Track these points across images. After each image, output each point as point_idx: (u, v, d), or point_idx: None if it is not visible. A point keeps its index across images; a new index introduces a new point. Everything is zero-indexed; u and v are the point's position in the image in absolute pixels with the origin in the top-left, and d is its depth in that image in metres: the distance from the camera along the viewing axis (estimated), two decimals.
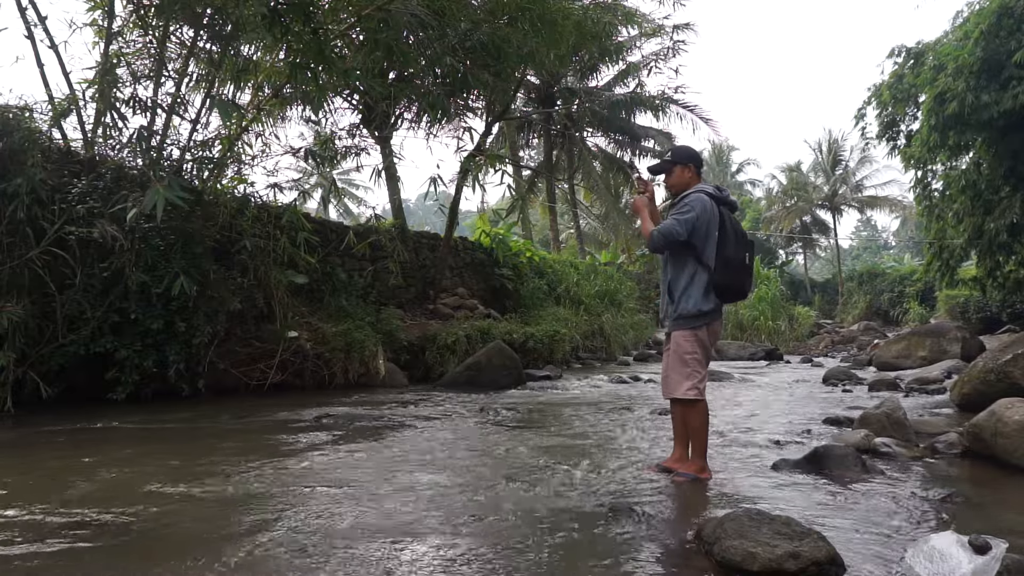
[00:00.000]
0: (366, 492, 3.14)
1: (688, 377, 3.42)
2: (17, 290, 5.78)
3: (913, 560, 2.21)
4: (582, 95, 21.93)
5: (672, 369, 3.47)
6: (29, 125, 6.25)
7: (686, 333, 3.45)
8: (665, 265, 3.62)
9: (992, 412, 3.81)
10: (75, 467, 3.68)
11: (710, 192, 3.51)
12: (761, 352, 15.51)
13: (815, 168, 44.44)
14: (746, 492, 3.20)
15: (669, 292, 3.54)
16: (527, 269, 14.45)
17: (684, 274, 3.46)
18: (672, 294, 3.51)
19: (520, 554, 2.33)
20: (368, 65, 8.52)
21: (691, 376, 3.42)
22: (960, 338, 10.35)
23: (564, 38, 9.62)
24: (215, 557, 2.28)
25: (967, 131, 12.70)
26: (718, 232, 3.41)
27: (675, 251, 3.50)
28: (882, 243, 69.22)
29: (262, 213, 7.71)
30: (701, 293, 3.42)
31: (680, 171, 3.61)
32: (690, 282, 3.44)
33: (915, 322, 25.44)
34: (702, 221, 3.39)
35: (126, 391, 6.17)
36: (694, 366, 3.44)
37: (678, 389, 3.43)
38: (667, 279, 3.57)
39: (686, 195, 3.52)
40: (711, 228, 3.41)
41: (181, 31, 7.54)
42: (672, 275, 3.52)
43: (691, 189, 3.56)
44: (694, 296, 3.42)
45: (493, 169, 10.90)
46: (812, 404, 6.59)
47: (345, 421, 5.30)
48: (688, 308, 3.43)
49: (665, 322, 3.61)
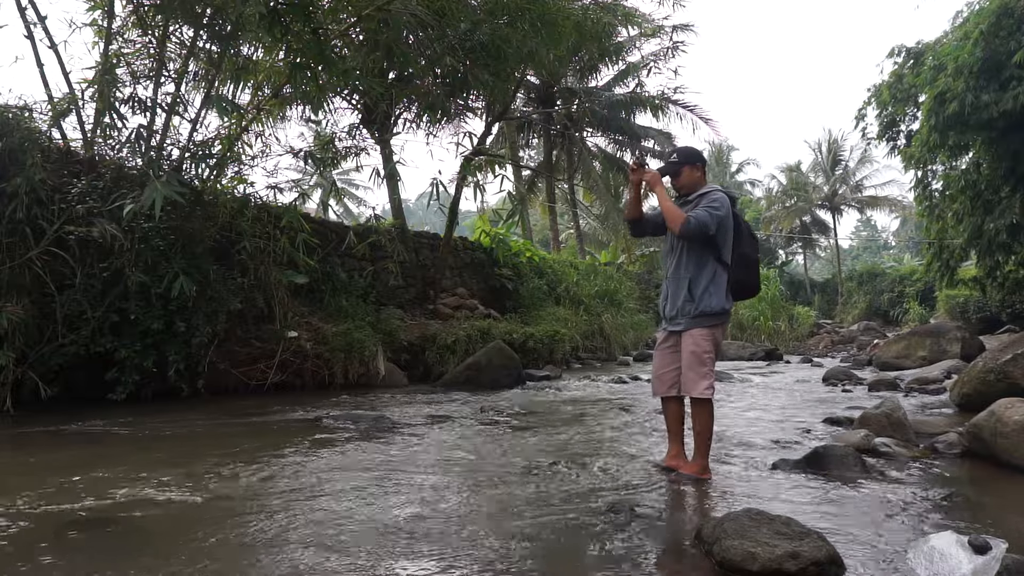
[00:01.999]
0: (365, 492, 3.14)
1: (705, 376, 3.41)
2: (17, 290, 5.77)
3: (913, 560, 2.21)
4: (582, 95, 21.93)
5: (691, 368, 3.42)
6: (29, 125, 6.24)
7: (705, 332, 3.44)
8: (679, 260, 3.53)
9: (992, 412, 3.81)
10: (75, 467, 3.68)
11: (724, 191, 3.57)
12: (761, 352, 15.50)
13: (815, 168, 44.47)
14: (746, 492, 3.19)
15: (689, 289, 3.46)
16: (527, 269, 14.45)
17: (706, 271, 3.45)
18: (692, 291, 3.45)
19: (519, 554, 2.33)
20: (368, 65, 8.52)
21: (708, 375, 3.42)
22: (960, 338, 10.34)
23: (564, 38, 9.63)
24: (214, 557, 2.28)
25: (967, 131, 12.71)
26: (734, 231, 3.48)
27: (696, 247, 3.46)
28: (882, 243, 69.21)
29: (262, 213, 7.71)
30: (724, 291, 3.46)
31: (689, 171, 3.59)
32: (712, 280, 3.45)
33: (915, 322, 25.44)
34: (727, 219, 3.44)
35: (126, 391, 6.16)
36: (710, 365, 3.44)
37: (696, 388, 3.40)
38: (685, 276, 3.48)
39: (705, 192, 3.53)
40: (730, 226, 3.47)
41: (181, 31, 7.53)
42: (694, 272, 3.47)
43: (705, 188, 3.57)
44: (717, 294, 3.44)
45: (493, 174, 10.91)
46: (812, 404, 6.58)
47: (345, 421, 5.30)
48: (712, 306, 3.43)
49: (679, 320, 3.51)
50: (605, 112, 22.31)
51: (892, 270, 36.27)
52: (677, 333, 3.55)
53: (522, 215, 15.46)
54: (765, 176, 57.09)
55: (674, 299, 3.55)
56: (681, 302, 3.50)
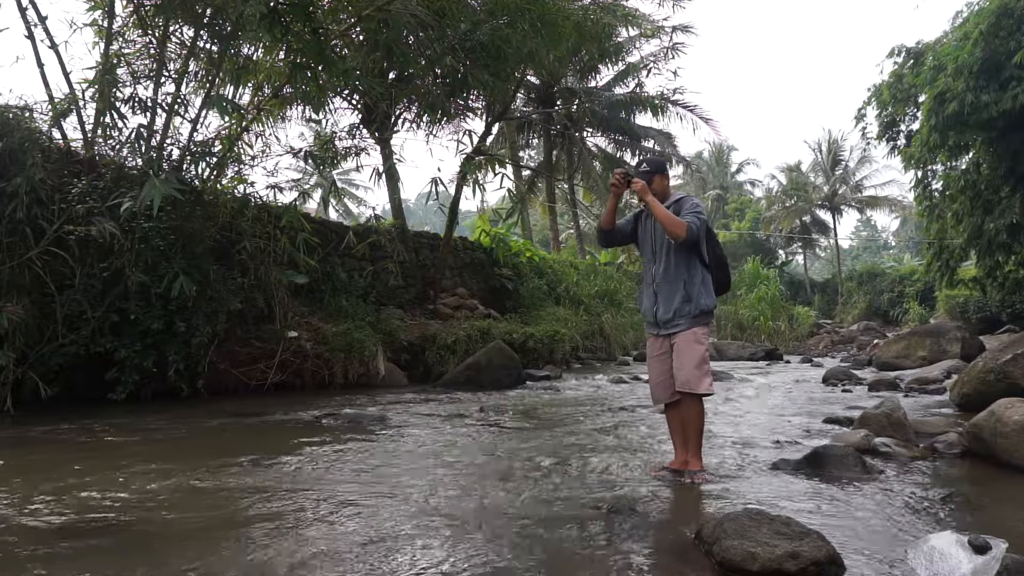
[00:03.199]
0: (364, 493, 3.14)
1: (707, 374, 3.53)
2: (17, 290, 5.77)
3: (913, 560, 2.21)
4: (582, 95, 21.93)
5: (696, 366, 3.50)
6: (29, 125, 6.24)
7: (704, 330, 3.59)
8: (668, 264, 3.59)
9: (992, 412, 3.81)
10: (75, 467, 3.68)
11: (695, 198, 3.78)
12: (761, 352, 15.51)
13: (815, 168, 44.46)
14: (746, 492, 3.19)
15: (685, 290, 3.54)
16: (527, 269, 14.45)
17: (697, 272, 3.58)
18: (688, 292, 3.53)
19: (519, 554, 2.33)
20: (368, 65, 8.52)
21: (708, 372, 3.54)
22: (960, 338, 10.34)
23: (564, 38, 9.63)
24: (212, 558, 2.28)
25: (967, 131, 12.72)
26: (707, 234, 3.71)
27: (684, 251, 3.56)
28: (882, 243, 69.22)
29: (262, 213, 7.71)
30: (711, 290, 3.62)
31: (660, 179, 3.68)
32: (702, 280, 3.59)
33: (915, 322, 25.45)
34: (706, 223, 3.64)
35: (126, 391, 6.16)
36: (708, 362, 3.58)
37: (701, 385, 3.49)
38: (678, 278, 3.55)
39: (680, 199, 3.66)
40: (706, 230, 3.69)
41: (181, 31, 7.54)
42: (686, 274, 3.56)
43: (676, 195, 3.72)
44: (707, 293, 3.59)
45: (493, 172, 10.91)
46: (812, 404, 6.58)
47: (344, 421, 5.30)
48: (707, 304, 3.57)
49: (677, 321, 3.55)
50: (605, 112, 22.32)
51: (892, 270, 36.28)
52: (668, 336, 3.60)
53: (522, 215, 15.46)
54: (765, 176, 57.13)
55: (667, 302, 3.58)
56: (678, 303, 3.55)
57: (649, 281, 3.70)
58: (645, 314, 3.75)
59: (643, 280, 3.82)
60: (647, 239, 3.72)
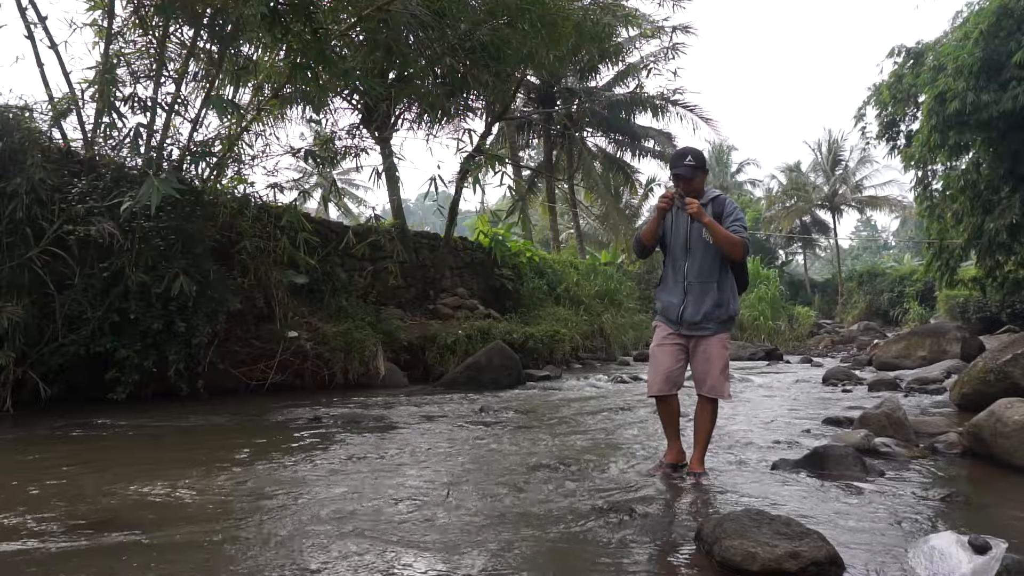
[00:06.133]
0: (363, 493, 3.14)
1: (729, 379, 3.60)
2: (17, 290, 5.77)
3: (913, 560, 2.21)
4: (582, 95, 21.92)
5: (721, 372, 3.52)
6: (29, 125, 6.24)
7: (728, 335, 3.64)
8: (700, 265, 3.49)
9: (992, 412, 3.81)
10: (74, 467, 3.68)
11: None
12: (761, 352, 15.50)
13: (815, 168, 44.44)
14: (746, 492, 3.20)
15: (718, 293, 3.48)
16: (527, 269, 14.44)
17: (727, 274, 3.56)
18: (721, 296, 3.50)
19: (519, 554, 2.33)
20: (368, 65, 8.52)
21: (730, 378, 3.62)
22: (960, 338, 10.34)
23: (564, 39, 9.62)
24: (214, 556, 2.28)
25: (967, 131, 12.72)
26: None
27: (717, 253, 3.47)
28: (882, 243, 69.21)
29: (262, 213, 7.71)
30: (736, 294, 3.63)
31: (702, 176, 3.54)
32: (731, 285, 3.58)
33: (915, 322, 25.45)
34: None
35: (126, 391, 6.16)
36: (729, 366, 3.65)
37: (725, 390, 3.55)
38: (711, 280, 3.48)
39: (715, 198, 3.55)
40: None
41: (181, 31, 7.53)
42: (719, 277, 3.50)
43: (711, 192, 3.59)
44: (735, 298, 3.61)
45: (493, 171, 10.91)
46: (812, 404, 6.59)
47: (344, 421, 5.30)
48: (735, 310, 3.59)
49: (706, 325, 3.49)
50: (605, 112, 22.29)
51: (892, 270, 36.24)
52: (689, 337, 3.54)
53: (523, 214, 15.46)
54: (765, 176, 57.02)
55: (698, 304, 3.48)
56: (709, 306, 3.47)
57: (679, 279, 3.54)
58: (667, 310, 3.58)
59: (667, 275, 3.64)
60: (679, 233, 3.54)
